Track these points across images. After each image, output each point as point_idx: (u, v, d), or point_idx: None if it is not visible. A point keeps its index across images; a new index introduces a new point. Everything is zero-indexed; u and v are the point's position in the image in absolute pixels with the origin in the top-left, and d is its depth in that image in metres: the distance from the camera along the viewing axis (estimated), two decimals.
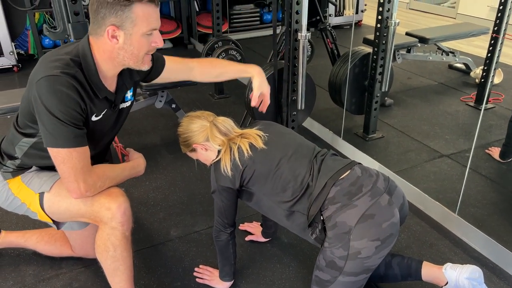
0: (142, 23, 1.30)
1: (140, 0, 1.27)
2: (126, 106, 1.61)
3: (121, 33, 1.31)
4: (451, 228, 2.09)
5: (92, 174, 1.39)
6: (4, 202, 1.59)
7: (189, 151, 1.66)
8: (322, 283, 1.48)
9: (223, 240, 1.65)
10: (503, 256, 1.86)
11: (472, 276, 1.53)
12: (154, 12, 1.32)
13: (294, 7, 2.33)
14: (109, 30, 1.30)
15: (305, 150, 1.54)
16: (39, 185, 1.52)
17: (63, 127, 1.30)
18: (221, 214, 1.61)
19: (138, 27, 1.30)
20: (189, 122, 1.61)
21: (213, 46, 3.34)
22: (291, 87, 2.52)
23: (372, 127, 2.93)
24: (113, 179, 1.49)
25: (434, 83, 3.95)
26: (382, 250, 1.38)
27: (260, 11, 5.43)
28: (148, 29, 1.31)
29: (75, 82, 1.31)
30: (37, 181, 1.53)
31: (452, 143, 2.90)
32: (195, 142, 1.59)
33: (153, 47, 1.38)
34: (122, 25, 1.29)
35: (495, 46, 3.16)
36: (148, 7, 1.29)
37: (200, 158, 1.66)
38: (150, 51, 1.39)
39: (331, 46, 3.11)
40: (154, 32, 1.35)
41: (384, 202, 1.39)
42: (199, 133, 1.58)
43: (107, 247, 1.48)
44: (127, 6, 1.26)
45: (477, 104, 3.41)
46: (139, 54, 1.37)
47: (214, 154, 1.58)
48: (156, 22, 1.34)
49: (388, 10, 2.58)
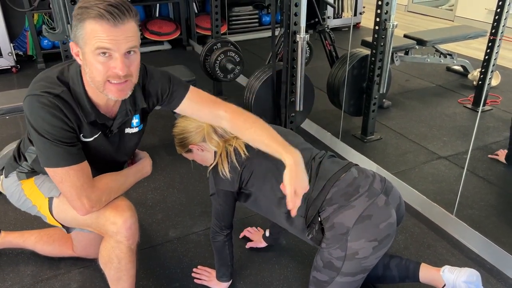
0: (91, 40, 1.14)
1: (93, 16, 1.12)
2: (132, 132, 1.49)
3: (80, 51, 1.20)
4: (449, 230, 2.10)
5: (95, 189, 1.34)
6: (17, 201, 1.58)
7: (185, 152, 1.65)
8: (319, 283, 1.49)
9: (220, 242, 1.66)
10: (501, 257, 1.87)
11: (469, 279, 1.53)
12: (110, 31, 1.13)
13: (292, 9, 2.34)
14: (72, 47, 1.21)
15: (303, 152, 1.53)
16: (49, 189, 1.48)
17: (54, 146, 1.25)
18: (219, 216, 1.61)
19: (88, 45, 1.15)
20: (185, 122, 1.60)
21: (212, 48, 3.34)
22: (290, 88, 2.53)
23: (370, 128, 2.94)
24: (118, 189, 1.44)
25: (432, 85, 3.96)
26: (379, 251, 1.39)
27: (259, 13, 5.45)
28: (96, 46, 1.14)
29: (58, 101, 1.23)
30: (48, 185, 1.49)
31: (450, 145, 2.91)
32: (191, 143, 1.59)
33: (113, 73, 1.18)
34: (78, 42, 1.18)
35: (492, 48, 3.18)
36: (102, 25, 1.12)
37: (196, 158, 1.66)
38: (112, 78, 1.19)
39: (329, 48, 3.12)
40: (115, 55, 1.16)
41: (381, 202, 1.39)
42: (195, 134, 1.57)
43: (111, 258, 1.46)
44: (80, 21, 1.14)
45: (475, 106, 3.42)
46: (96, 78, 1.20)
47: (211, 155, 1.58)
48: (112, 44, 1.14)
49: (386, 12, 2.59)
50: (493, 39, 3.14)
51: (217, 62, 3.27)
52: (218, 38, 3.40)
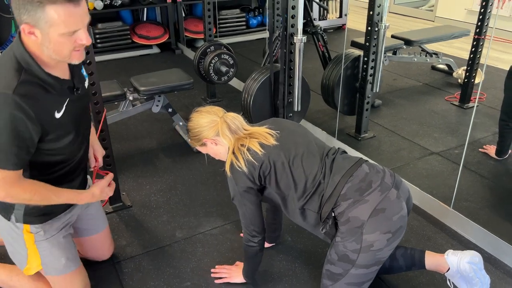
0: (59, 25, 1.22)
1: (54, 2, 1.19)
2: (87, 84, 1.58)
3: (37, 31, 1.24)
4: (447, 222, 2.18)
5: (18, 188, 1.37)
6: (10, 244, 1.63)
7: (199, 145, 1.66)
8: (333, 276, 1.54)
9: (252, 251, 1.66)
10: (498, 246, 1.96)
11: (472, 260, 1.60)
12: (74, 12, 1.23)
13: (289, 12, 2.40)
14: (24, 28, 1.24)
15: (316, 148, 1.58)
16: (49, 262, 1.61)
17: None
18: (247, 220, 1.60)
19: (55, 28, 1.23)
20: (199, 117, 1.61)
21: (206, 51, 3.37)
22: (287, 89, 2.58)
23: (364, 127, 3.02)
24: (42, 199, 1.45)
25: (419, 83, 4.08)
26: (393, 242, 1.45)
27: (246, 15, 5.50)
28: (66, 31, 1.24)
29: (20, 97, 1.26)
30: (49, 254, 1.60)
31: (441, 141, 3.01)
32: (206, 137, 1.60)
33: (79, 44, 1.30)
34: (36, 24, 1.22)
35: (477, 47, 3.30)
36: (65, 8, 1.20)
37: (210, 152, 1.67)
38: (77, 48, 1.31)
39: (322, 49, 3.18)
40: (79, 31, 1.27)
41: (393, 196, 1.46)
42: (209, 128, 1.58)
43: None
44: (39, 6, 1.19)
45: (461, 103, 3.54)
46: (62, 52, 1.29)
47: (225, 149, 1.60)
48: (78, 23, 1.26)
49: (378, 14, 2.67)
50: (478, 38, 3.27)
51: (211, 64, 3.30)
52: (211, 41, 3.43)
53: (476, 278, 1.62)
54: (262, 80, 2.71)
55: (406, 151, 2.90)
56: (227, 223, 2.22)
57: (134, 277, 1.90)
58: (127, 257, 2.01)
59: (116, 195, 2.34)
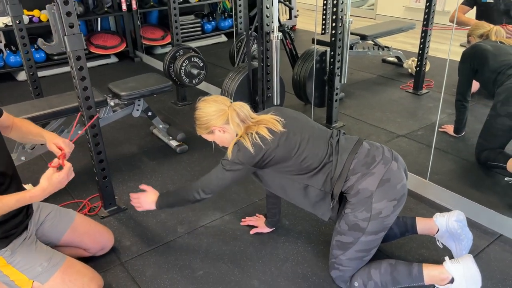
0: None
1: None
2: None
3: None
4: (425, 194, 2.41)
5: None
6: None
7: (206, 133, 1.73)
8: (344, 245, 1.68)
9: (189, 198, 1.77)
10: (472, 208, 2.20)
11: (458, 218, 1.82)
12: None
13: (264, 11, 2.54)
14: None
15: (320, 132, 1.73)
16: (35, 272, 1.60)
17: None
18: (211, 184, 1.73)
19: None
20: (207, 106, 1.68)
21: (175, 55, 3.44)
22: (266, 85, 2.72)
23: (334, 116, 3.22)
24: None
25: (373, 75, 4.37)
26: (397, 208, 1.63)
27: (201, 21, 5.59)
28: None
29: None
30: (30, 266, 1.60)
31: (404, 124, 3.28)
32: (214, 125, 1.67)
33: None
34: None
35: (425, 38, 3.62)
36: None
37: (217, 140, 1.75)
38: None
39: (290, 47, 3.36)
40: None
41: (395, 167, 1.63)
42: (218, 117, 1.66)
43: None
44: None
45: (415, 90, 3.85)
46: None
47: (231, 136, 1.69)
48: None
49: (342, 10, 2.89)
50: (426, 29, 3.59)
51: (182, 68, 3.37)
52: (179, 46, 3.50)
53: (463, 234, 1.83)
54: (240, 78, 2.83)
55: (374, 136, 3.13)
56: (225, 215, 2.31)
57: (147, 273, 1.94)
58: (134, 256, 2.05)
59: (111, 199, 2.36)
